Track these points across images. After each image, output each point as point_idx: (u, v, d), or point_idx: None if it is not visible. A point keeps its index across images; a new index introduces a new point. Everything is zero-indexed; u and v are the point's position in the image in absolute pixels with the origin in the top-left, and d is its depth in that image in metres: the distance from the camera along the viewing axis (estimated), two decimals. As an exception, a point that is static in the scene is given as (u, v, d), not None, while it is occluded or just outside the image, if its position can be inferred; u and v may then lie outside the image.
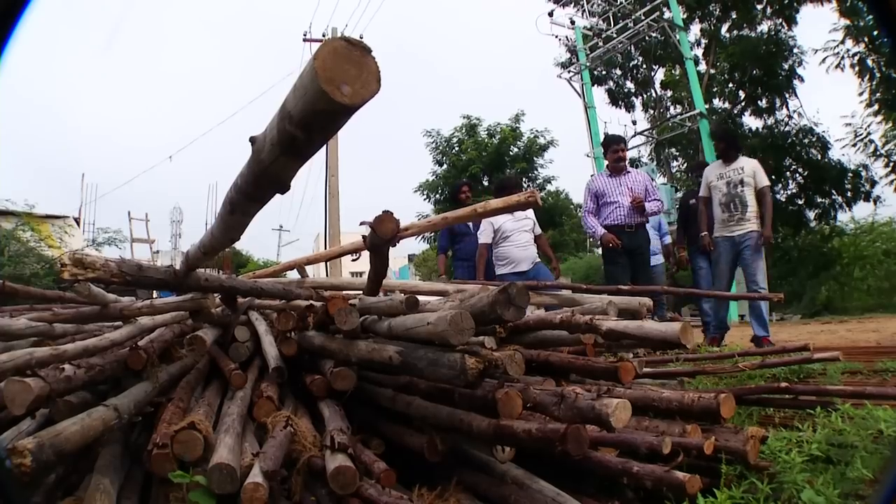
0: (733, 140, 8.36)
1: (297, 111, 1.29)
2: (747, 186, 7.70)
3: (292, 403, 2.88)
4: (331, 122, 1.34)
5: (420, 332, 2.29)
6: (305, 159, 1.52)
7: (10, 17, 1.28)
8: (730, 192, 7.81)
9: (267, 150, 1.49)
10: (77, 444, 2.01)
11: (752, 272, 7.61)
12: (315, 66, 1.19)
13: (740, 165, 7.86)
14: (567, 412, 2.07)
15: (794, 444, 2.68)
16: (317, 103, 1.22)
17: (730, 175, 7.86)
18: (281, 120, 1.37)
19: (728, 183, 7.84)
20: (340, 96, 1.19)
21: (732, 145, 8.11)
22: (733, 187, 7.79)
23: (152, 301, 3.85)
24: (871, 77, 16.93)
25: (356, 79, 1.22)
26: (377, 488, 2.10)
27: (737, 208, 7.74)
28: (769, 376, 4.38)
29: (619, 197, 8.00)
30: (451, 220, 5.21)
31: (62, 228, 19.43)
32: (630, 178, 8.16)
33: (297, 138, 1.35)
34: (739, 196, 7.72)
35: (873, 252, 15.20)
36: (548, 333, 3.51)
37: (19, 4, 1.29)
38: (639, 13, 21.36)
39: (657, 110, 26.86)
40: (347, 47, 1.23)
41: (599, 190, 8.16)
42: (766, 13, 22.73)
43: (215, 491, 1.99)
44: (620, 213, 7.96)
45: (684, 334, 2.63)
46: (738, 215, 7.72)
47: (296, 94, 1.29)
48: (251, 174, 1.69)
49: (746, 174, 7.76)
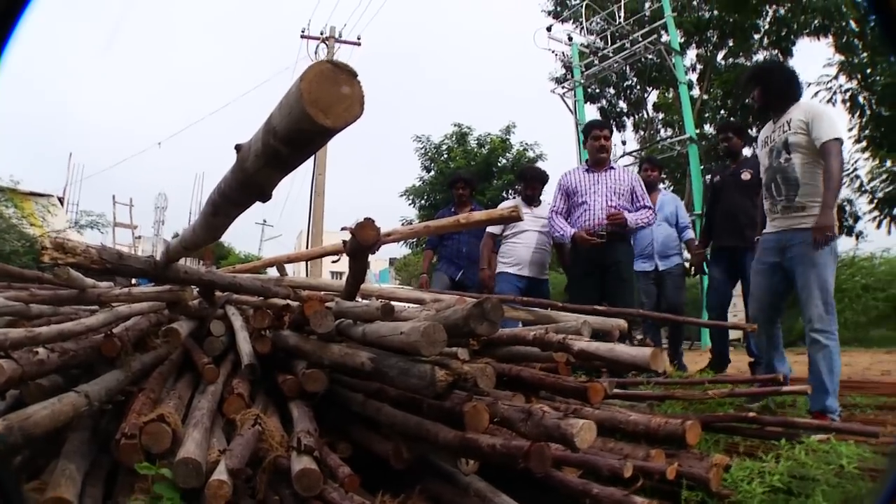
0: (775, 81, 4.96)
1: (282, 128, 1.31)
2: (797, 152, 4.57)
3: (263, 401, 2.88)
4: (313, 141, 1.36)
5: (393, 341, 2.31)
6: (288, 172, 1.55)
7: (11, 17, 1.29)
8: (771, 166, 4.76)
9: (251, 159, 1.51)
10: (46, 429, 2.01)
11: (805, 295, 4.46)
12: (301, 87, 1.21)
13: (788, 118, 4.67)
14: (533, 429, 2.09)
15: (756, 475, 2.73)
16: (300, 123, 1.24)
17: (773, 138, 4.79)
18: (266, 133, 1.39)
19: (771, 151, 4.79)
20: (323, 118, 1.22)
21: (775, 90, 4.88)
22: (776, 157, 4.71)
23: (130, 289, 3.86)
24: (862, 114, 17.06)
25: (341, 102, 1.24)
26: (340, 492, 2.12)
27: (779, 191, 4.67)
28: (737, 405, 4.42)
29: (593, 197, 6.36)
30: (433, 228, 5.21)
31: (45, 207, 19.26)
32: (612, 176, 6.46)
33: (281, 153, 1.37)
34: (782, 170, 4.64)
35: (852, 286, 15.26)
36: (521, 349, 3.54)
37: (19, 4, 1.30)
38: (637, 34, 21.45)
39: (648, 132, 26.96)
40: (334, 70, 1.25)
41: (571, 186, 6.51)
42: (763, 43, 22.91)
43: (180, 485, 2.01)
44: (590, 218, 6.28)
45: (654, 360, 2.66)
46: (783, 201, 4.64)
47: (281, 111, 1.31)
48: (235, 181, 1.71)
49: (794, 129, 4.58)
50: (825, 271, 4.37)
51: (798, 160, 4.55)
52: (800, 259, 4.47)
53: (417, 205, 27.02)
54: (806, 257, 4.42)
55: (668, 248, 7.69)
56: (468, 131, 27.39)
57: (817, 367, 4.33)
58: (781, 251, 4.64)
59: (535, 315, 4.66)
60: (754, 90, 5.08)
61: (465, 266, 7.81)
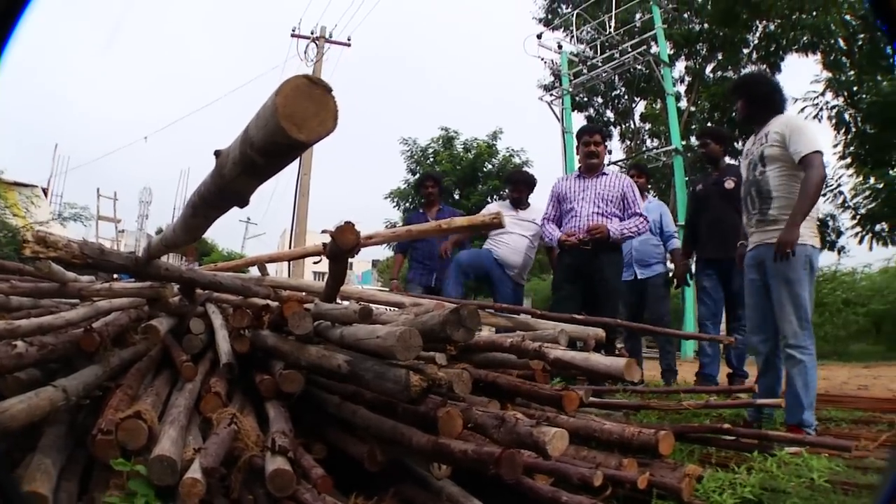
0: (759, 93, 4.89)
1: (258, 139, 1.33)
2: (772, 165, 4.55)
3: (240, 401, 2.89)
4: (287, 153, 1.38)
5: (369, 345, 2.33)
6: (264, 180, 1.56)
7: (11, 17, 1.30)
8: (748, 179, 4.77)
9: (229, 166, 1.53)
10: (22, 423, 2.02)
11: (778, 310, 4.43)
12: (276, 101, 1.23)
13: (767, 131, 4.64)
14: (506, 436, 2.12)
15: (728, 486, 2.76)
16: (275, 136, 1.26)
17: (753, 150, 4.77)
18: (243, 143, 1.41)
19: (749, 164, 4.78)
20: (297, 133, 1.24)
21: (758, 102, 4.82)
22: (752, 169, 4.71)
23: (111, 284, 3.86)
24: (847, 131, 17.19)
25: (314, 116, 1.27)
26: (313, 493, 2.13)
27: (754, 204, 4.67)
28: (715, 416, 4.46)
29: (582, 203, 6.29)
30: (415, 233, 5.20)
31: (29, 198, 19.11)
32: (602, 182, 6.36)
33: (257, 162, 1.39)
34: (757, 183, 4.64)
35: (833, 300, 15.39)
36: (498, 355, 3.56)
37: (19, 4, 1.32)
38: (627, 45, 21.58)
39: (634, 142, 27.08)
40: (309, 85, 1.27)
41: (562, 193, 6.48)
42: (752, 58, 23.06)
43: (155, 482, 2.01)
44: (576, 224, 6.23)
45: (628, 370, 2.69)
46: (756, 215, 4.65)
47: (258, 122, 1.34)
48: (214, 186, 1.73)
49: (770, 142, 4.56)
50: (798, 286, 4.33)
51: (772, 173, 4.51)
52: (773, 274, 4.43)
53: (402, 207, 27.00)
54: (778, 272, 4.37)
55: (647, 255, 7.35)
56: (455, 135, 27.38)
57: (793, 381, 4.29)
58: (760, 267, 4.59)
59: (514, 322, 4.68)
60: (738, 101, 5.03)
61: (437, 269, 7.67)
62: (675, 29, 23.30)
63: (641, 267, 7.34)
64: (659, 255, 7.43)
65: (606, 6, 22.66)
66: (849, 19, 18.56)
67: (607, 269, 6.15)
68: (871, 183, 16.60)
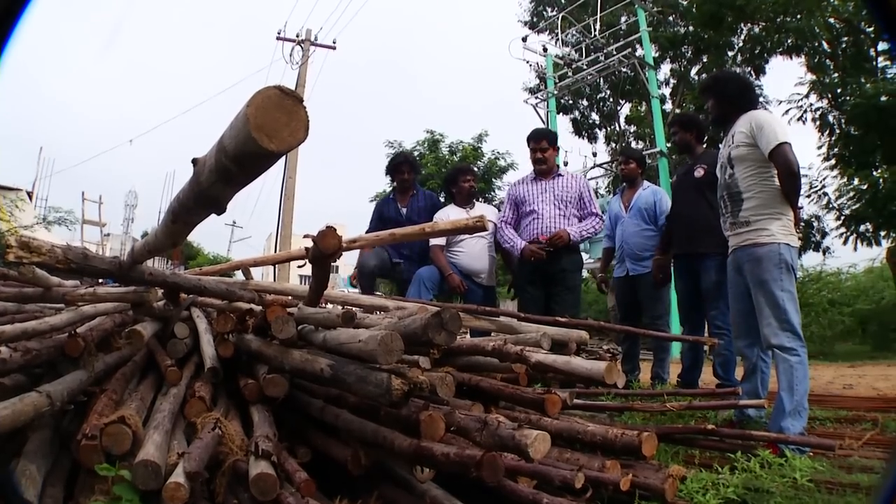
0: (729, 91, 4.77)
1: (231, 148, 1.35)
2: (740, 167, 4.43)
3: (224, 405, 2.89)
4: (260, 163, 1.41)
5: (351, 349, 2.35)
6: (240, 188, 1.58)
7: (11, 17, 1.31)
8: (721, 182, 4.66)
9: (206, 174, 1.54)
10: (7, 428, 2.03)
11: (757, 313, 4.31)
12: (247, 112, 1.26)
13: (732, 132, 4.54)
14: (488, 439, 2.14)
15: (711, 486, 2.78)
16: (246, 145, 1.29)
17: (723, 153, 4.66)
18: (218, 151, 1.43)
19: (721, 167, 4.68)
20: (268, 143, 1.27)
21: (728, 101, 4.69)
22: (723, 172, 4.61)
23: (95, 289, 3.85)
24: (831, 132, 17.26)
25: (286, 126, 1.30)
26: (296, 497, 2.14)
27: (727, 207, 4.55)
28: (700, 416, 4.46)
29: (542, 206, 6.35)
30: (398, 237, 5.15)
31: (14, 202, 19.05)
32: (559, 184, 6.41)
33: (231, 170, 1.41)
34: (727, 186, 4.53)
35: (819, 301, 15.47)
36: (480, 359, 3.56)
37: (19, 4, 1.33)
38: (612, 47, 21.65)
39: (619, 144, 27.16)
40: (281, 96, 1.30)
41: (520, 196, 6.52)
42: (737, 60, 23.15)
43: (139, 486, 2.02)
44: (538, 226, 6.29)
45: (609, 373, 2.71)
46: (729, 217, 4.53)
47: (231, 132, 1.36)
48: (192, 193, 1.74)
49: (736, 143, 4.46)
50: (773, 286, 4.21)
51: (741, 174, 4.41)
52: (750, 277, 4.35)
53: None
54: (754, 275, 4.31)
55: (641, 248, 6.72)
56: (440, 138, 27.31)
57: (779, 384, 4.18)
58: (739, 270, 4.48)
59: (497, 325, 4.69)
60: (709, 101, 4.88)
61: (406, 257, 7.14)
62: (661, 32, 23.42)
63: (634, 262, 6.78)
64: (653, 245, 6.64)
65: (592, 9, 22.77)
66: (833, 22, 18.64)
67: (567, 268, 6.28)
68: (856, 184, 16.70)
